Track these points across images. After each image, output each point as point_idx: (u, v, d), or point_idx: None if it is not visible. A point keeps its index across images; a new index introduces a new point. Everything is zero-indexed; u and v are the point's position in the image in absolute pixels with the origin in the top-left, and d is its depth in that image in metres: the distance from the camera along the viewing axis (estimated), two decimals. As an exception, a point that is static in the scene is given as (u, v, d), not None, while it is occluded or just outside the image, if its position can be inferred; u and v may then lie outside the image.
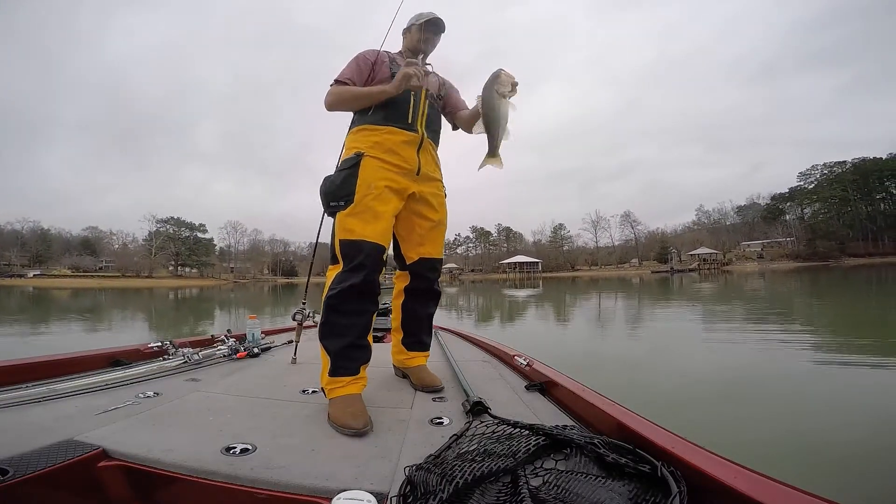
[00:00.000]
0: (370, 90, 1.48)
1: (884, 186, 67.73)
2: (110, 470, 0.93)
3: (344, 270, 1.35)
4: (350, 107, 1.53)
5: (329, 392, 1.28)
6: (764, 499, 0.58)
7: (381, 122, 1.47)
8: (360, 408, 1.20)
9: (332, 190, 1.40)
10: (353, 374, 1.30)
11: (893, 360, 4.28)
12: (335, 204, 1.39)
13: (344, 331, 1.32)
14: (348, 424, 1.11)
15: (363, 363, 1.34)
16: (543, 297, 18.09)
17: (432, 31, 1.64)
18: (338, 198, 1.38)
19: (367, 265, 1.33)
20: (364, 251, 1.33)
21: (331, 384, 1.28)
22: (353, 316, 1.34)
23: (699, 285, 21.85)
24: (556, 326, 8.59)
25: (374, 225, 1.36)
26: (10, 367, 1.47)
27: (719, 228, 79.29)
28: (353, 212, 1.36)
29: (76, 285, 44.58)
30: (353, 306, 1.34)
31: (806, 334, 5.97)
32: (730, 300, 12.60)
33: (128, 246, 74.48)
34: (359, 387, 1.31)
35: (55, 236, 72.86)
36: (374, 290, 1.37)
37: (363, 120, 1.50)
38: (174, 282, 60.38)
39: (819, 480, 1.96)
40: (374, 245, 1.35)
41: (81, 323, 10.03)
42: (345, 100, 1.51)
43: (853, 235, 67.44)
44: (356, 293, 1.33)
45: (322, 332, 1.35)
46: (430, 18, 1.60)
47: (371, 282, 1.35)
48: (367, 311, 1.37)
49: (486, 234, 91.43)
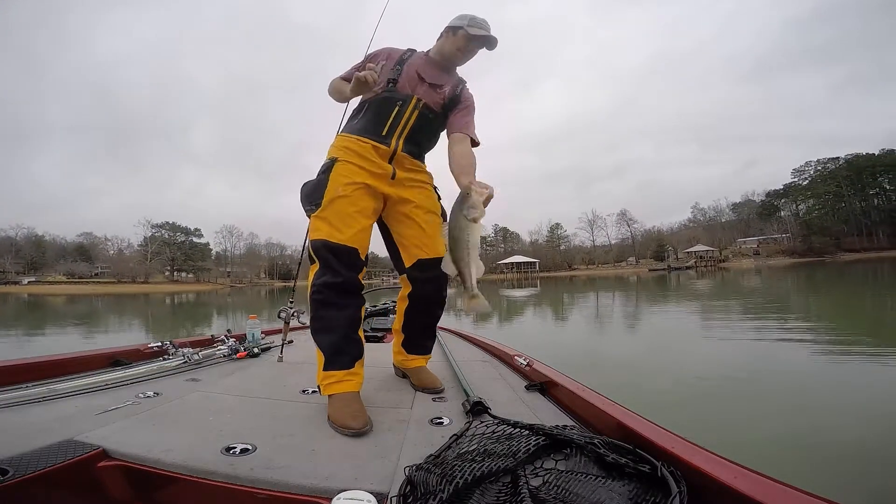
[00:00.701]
0: (339, 85, 1.55)
1: (877, 182, 68.21)
2: (110, 470, 0.93)
3: (320, 268, 1.37)
4: (333, 97, 1.62)
5: (324, 388, 1.28)
6: (764, 499, 0.58)
7: (354, 131, 1.49)
8: (358, 408, 1.20)
9: (306, 194, 1.43)
10: (347, 368, 1.30)
11: (891, 354, 4.32)
12: (308, 208, 1.42)
13: (332, 323, 1.33)
14: (347, 424, 1.11)
15: (356, 358, 1.34)
16: (541, 296, 18.12)
17: (481, 46, 1.55)
18: (310, 202, 1.41)
19: (336, 264, 1.34)
20: (330, 250, 1.35)
21: (326, 379, 1.28)
22: (338, 309, 1.34)
23: (697, 283, 21.93)
24: (554, 326, 8.60)
25: (340, 227, 1.36)
26: (10, 367, 1.47)
27: (715, 226, 79.59)
28: (321, 214, 1.37)
29: (71, 292, 44.29)
30: (336, 300, 1.35)
31: (805, 330, 6.00)
32: (728, 297, 12.67)
33: (123, 251, 74.05)
34: (355, 383, 1.30)
35: (49, 242, 72.43)
36: (353, 286, 1.38)
37: (345, 127, 1.56)
38: (170, 287, 60.10)
39: (818, 480, 1.96)
40: (342, 246, 1.36)
41: (77, 329, 9.98)
42: (331, 90, 1.60)
43: (848, 231, 67.92)
44: (335, 289, 1.34)
45: (313, 328, 1.36)
46: (487, 36, 1.50)
47: (348, 279, 1.36)
48: (350, 305, 1.37)
49: (483, 234, 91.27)
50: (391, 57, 1.55)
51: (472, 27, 1.49)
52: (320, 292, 1.34)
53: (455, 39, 1.52)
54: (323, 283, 1.34)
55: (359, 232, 1.40)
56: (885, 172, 66.41)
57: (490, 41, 1.53)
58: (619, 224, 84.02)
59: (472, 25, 1.50)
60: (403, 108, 1.48)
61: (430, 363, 1.67)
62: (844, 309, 8.77)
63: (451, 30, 1.53)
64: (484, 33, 1.50)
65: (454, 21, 1.54)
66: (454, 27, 1.52)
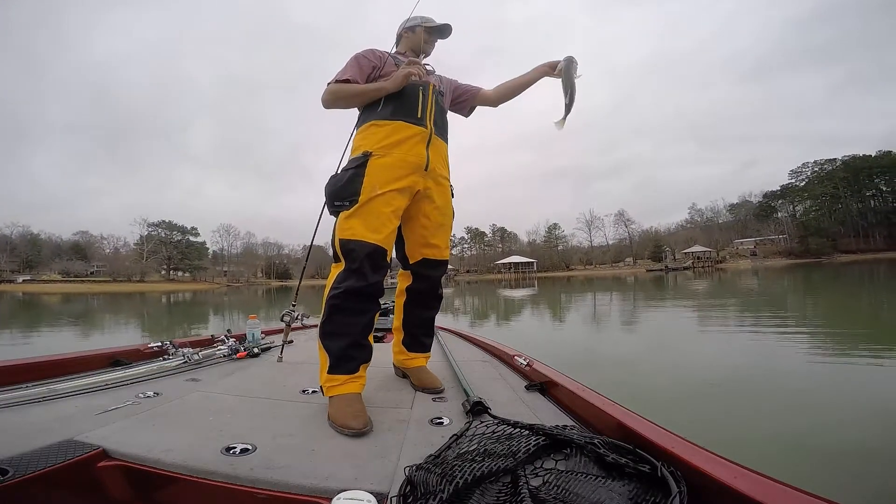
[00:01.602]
0: (367, 87, 1.46)
1: (873, 183, 68.56)
2: (110, 470, 0.93)
3: (346, 270, 1.33)
4: (348, 104, 1.51)
5: (327, 390, 1.27)
6: (764, 499, 0.58)
7: (389, 116, 1.44)
8: (359, 408, 1.19)
9: (336, 189, 1.38)
10: (353, 373, 1.29)
11: (889, 354, 4.34)
12: (339, 203, 1.36)
13: (346, 329, 1.31)
14: (348, 424, 1.11)
15: (363, 362, 1.33)
16: (539, 297, 18.13)
17: (438, 36, 1.69)
18: (342, 198, 1.36)
19: (368, 266, 1.31)
20: (365, 252, 1.31)
21: (329, 381, 1.27)
22: (355, 315, 1.32)
23: (694, 283, 22.00)
24: (552, 326, 8.61)
25: (376, 226, 1.34)
26: (10, 367, 1.47)
27: (712, 226, 79.85)
28: (357, 213, 1.33)
29: (66, 290, 44.05)
30: (356, 306, 1.32)
31: (803, 331, 6.02)
32: (726, 297, 12.71)
33: (119, 250, 73.78)
34: (358, 385, 1.29)
35: (45, 241, 72.07)
36: (377, 292, 1.36)
37: (371, 116, 1.47)
38: (166, 286, 59.89)
39: (818, 480, 1.97)
40: (376, 247, 1.33)
41: (72, 328, 9.93)
42: (342, 97, 1.48)
43: (844, 232, 68.23)
44: (358, 294, 1.31)
45: (323, 331, 1.33)
46: (440, 26, 1.66)
47: (374, 283, 1.34)
48: (369, 311, 1.36)
49: (481, 234, 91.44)
50: (383, 57, 1.56)
51: (426, 23, 1.67)
52: (341, 297, 1.30)
53: (416, 36, 1.67)
54: (346, 289, 1.30)
55: (391, 233, 1.39)
56: (881, 174, 66.80)
57: (445, 30, 1.70)
58: (617, 224, 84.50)
59: (425, 22, 1.67)
60: (425, 92, 1.50)
61: (430, 363, 1.67)
62: (841, 309, 8.80)
63: (409, 30, 1.68)
64: (440, 24, 1.67)
65: (408, 23, 1.68)
66: (411, 27, 1.68)
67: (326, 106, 1.51)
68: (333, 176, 1.43)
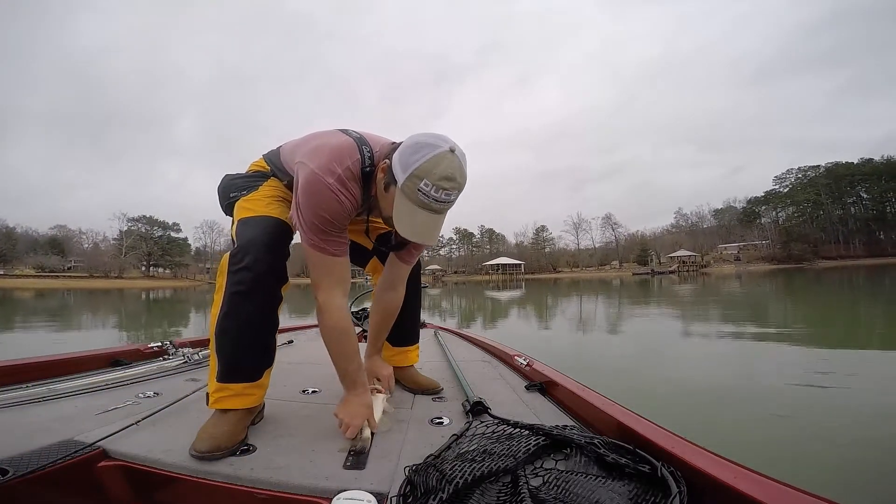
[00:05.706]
0: (339, 360, 1.17)
1: (855, 191, 70.13)
2: (110, 470, 0.92)
3: (236, 252, 1.08)
4: (330, 340, 1.17)
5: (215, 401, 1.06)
6: (764, 499, 0.59)
7: None
8: (235, 429, 1.01)
9: (234, 183, 1.28)
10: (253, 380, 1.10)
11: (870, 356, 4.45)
12: (235, 195, 1.23)
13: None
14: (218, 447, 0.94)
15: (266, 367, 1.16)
16: (526, 299, 18.22)
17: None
18: (239, 188, 1.25)
19: (265, 241, 1.08)
20: (261, 225, 1.11)
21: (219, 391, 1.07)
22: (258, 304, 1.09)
23: (679, 287, 22.33)
24: (538, 326, 8.66)
25: (274, 207, 1.18)
26: (10, 367, 1.46)
27: (697, 231, 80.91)
28: (255, 196, 1.21)
29: (40, 286, 42.80)
30: (258, 293, 1.08)
31: (785, 337, 6.15)
32: (708, 302, 12.92)
33: (98, 245, 71.92)
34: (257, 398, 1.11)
35: (21, 235, 69.68)
36: (278, 273, 1.11)
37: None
38: (146, 282, 58.80)
39: (818, 480, 1.98)
40: (274, 220, 1.14)
41: (46, 326, 9.67)
42: (332, 336, 1.15)
43: (826, 238, 69.88)
44: (256, 276, 1.06)
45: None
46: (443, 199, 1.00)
47: (271, 264, 1.08)
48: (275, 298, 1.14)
49: (469, 235, 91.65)
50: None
51: (431, 182, 0.99)
52: (240, 282, 1.06)
53: (410, 193, 1.02)
54: (243, 269, 1.06)
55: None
56: (862, 181, 68.38)
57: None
58: (604, 228, 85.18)
59: (430, 180, 0.99)
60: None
61: (430, 363, 1.65)
62: (824, 313, 9.05)
63: (404, 180, 1.01)
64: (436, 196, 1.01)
65: (410, 168, 1.00)
66: (409, 176, 1.00)
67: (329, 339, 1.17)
68: (229, 175, 1.33)
